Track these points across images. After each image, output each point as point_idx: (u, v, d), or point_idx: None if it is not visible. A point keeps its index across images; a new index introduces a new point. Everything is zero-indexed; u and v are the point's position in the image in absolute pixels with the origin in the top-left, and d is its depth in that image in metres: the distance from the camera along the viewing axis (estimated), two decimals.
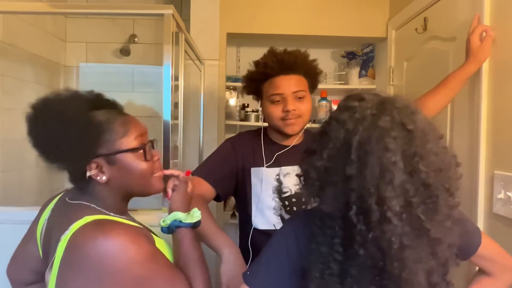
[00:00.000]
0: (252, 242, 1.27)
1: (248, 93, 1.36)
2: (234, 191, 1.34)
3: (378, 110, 0.66)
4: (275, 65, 1.24)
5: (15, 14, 1.89)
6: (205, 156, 1.56)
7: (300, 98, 1.24)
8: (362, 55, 2.44)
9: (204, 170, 1.30)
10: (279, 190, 1.28)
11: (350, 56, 2.47)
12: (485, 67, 1.28)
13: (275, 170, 1.30)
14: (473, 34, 1.27)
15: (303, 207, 1.27)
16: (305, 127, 1.36)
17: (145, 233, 0.81)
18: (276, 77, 1.25)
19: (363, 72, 2.45)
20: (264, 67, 1.26)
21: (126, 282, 0.72)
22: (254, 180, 1.30)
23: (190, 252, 0.86)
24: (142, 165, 0.84)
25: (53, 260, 0.76)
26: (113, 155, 0.80)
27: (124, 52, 2.46)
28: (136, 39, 2.51)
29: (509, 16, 1.20)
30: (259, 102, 1.33)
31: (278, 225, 1.26)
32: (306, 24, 2.18)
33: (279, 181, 1.29)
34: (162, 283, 0.76)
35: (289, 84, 1.24)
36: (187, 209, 0.92)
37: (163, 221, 0.90)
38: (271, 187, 1.28)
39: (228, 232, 1.09)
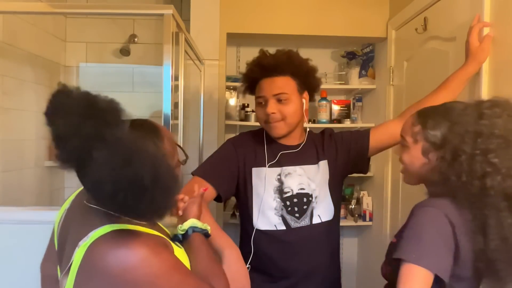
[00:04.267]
0: (254, 243, 1.27)
1: (248, 93, 1.39)
2: (235, 192, 1.34)
3: None
4: (256, 69, 1.28)
5: (15, 14, 1.89)
6: (205, 156, 1.56)
7: (281, 100, 1.24)
8: (362, 55, 2.44)
9: (205, 170, 1.30)
10: (280, 190, 1.28)
11: (350, 56, 2.47)
12: (485, 67, 1.28)
13: (277, 170, 1.30)
14: (472, 34, 1.27)
15: (305, 207, 1.28)
16: (307, 128, 1.37)
17: (164, 242, 0.80)
18: (261, 80, 1.27)
19: (363, 72, 2.45)
20: (249, 72, 1.31)
21: None
22: (255, 181, 1.30)
23: (211, 258, 0.88)
24: (179, 170, 0.89)
25: (70, 265, 0.74)
26: None
27: (124, 52, 2.46)
28: (136, 39, 2.51)
29: (509, 16, 1.20)
30: None
31: (279, 225, 1.26)
32: (306, 24, 2.18)
33: (280, 181, 1.29)
34: None
35: (270, 87, 1.24)
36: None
37: (180, 227, 0.91)
38: (272, 187, 1.28)
39: (228, 232, 1.09)
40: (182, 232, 0.91)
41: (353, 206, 2.48)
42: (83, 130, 0.64)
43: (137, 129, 0.79)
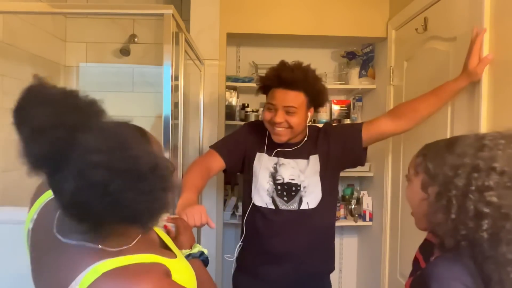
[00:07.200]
0: (248, 218, 1.51)
1: (261, 93, 1.54)
2: (242, 169, 1.56)
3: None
4: (273, 78, 1.40)
5: (15, 14, 1.89)
6: None
7: (289, 112, 1.38)
8: (362, 55, 2.44)
9: (219, 145, 1.56)
10: (273, 177, 1.49)
11: (350, 56, 2.47)
12: (485, 68, 1.28)
13: (274, 159, 1.51)
14: (473, 51, 1.28)
15: (293, 194, 1.46)
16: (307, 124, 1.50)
17: (164, 269, 0.69)
18: (276, 89, 1.41)
19: (363, 72, 2.45)
20: (265, 79, 1.44)
21: None
22: (256, 163, 1.52)
23: (210, 281, 0.92)
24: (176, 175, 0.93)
25: None
26: None
27: (124, 52, 2.46)
28: (136, 39, 2.51)
29: (509, 16, 1.20)
30: None
31: (270, 204, 1.47)
32: (306, 24, 2.18)
33: (275, 169, 1.50)
34: None
35: (282, 98, 1.38)
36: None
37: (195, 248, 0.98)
38: (268, 172, 1.49)
39: (228, 232, 1.11)
40: (192, 252, 0.96)
41: (353, 206, 2.48)
42: (67, 118, 0.53)
43: (124, 125, 0.65)
